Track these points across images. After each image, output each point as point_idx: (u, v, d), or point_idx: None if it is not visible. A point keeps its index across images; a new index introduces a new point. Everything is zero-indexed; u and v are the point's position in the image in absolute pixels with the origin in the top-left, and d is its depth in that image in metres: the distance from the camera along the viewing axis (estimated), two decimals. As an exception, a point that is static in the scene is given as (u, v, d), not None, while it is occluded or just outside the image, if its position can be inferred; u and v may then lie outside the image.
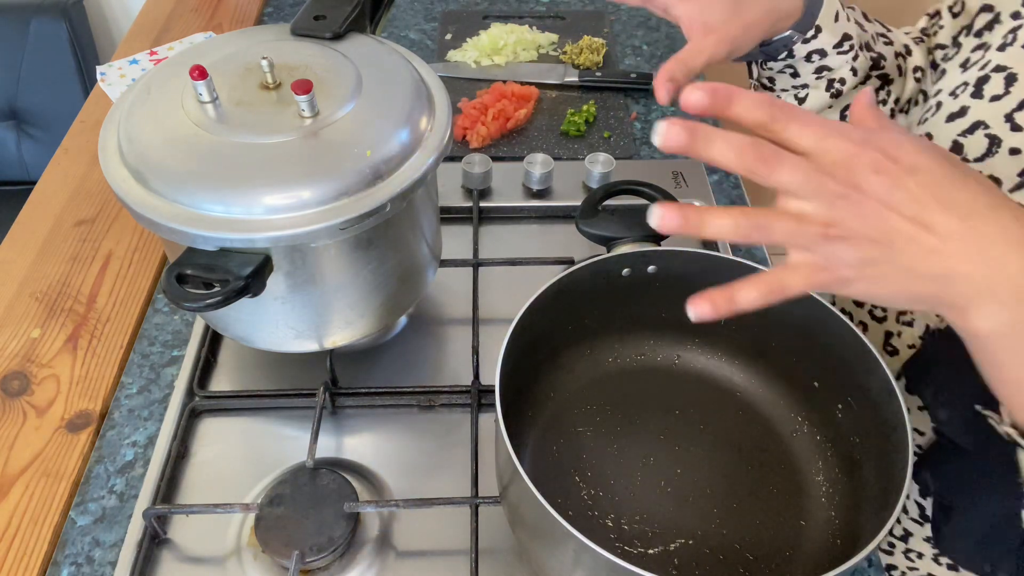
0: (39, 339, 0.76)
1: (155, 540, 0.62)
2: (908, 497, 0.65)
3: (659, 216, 0.39)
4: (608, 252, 0.63)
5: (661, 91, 0.58)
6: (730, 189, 0.93)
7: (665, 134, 0.38)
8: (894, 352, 0.67)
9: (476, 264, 0.80)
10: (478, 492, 0.62)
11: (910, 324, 0.65)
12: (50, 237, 0.86)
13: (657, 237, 0.64)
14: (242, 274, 0.52)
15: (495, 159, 0.91)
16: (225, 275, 0.52)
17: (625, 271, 0.62)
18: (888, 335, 0.68)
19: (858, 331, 0.55)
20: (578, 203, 0.69)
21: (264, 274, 0.54)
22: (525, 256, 0.81)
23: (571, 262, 0.79)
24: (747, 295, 0.41)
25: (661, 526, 0.58)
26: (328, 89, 0.58)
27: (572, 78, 1.06)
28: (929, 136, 0.61)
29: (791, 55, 0.66)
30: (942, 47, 0.69)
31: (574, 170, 0.91)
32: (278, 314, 0.61)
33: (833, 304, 0.81)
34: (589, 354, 0.66)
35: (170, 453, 0.66)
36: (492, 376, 0.52)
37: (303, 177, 0.53)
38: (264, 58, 0.57)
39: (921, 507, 0.67)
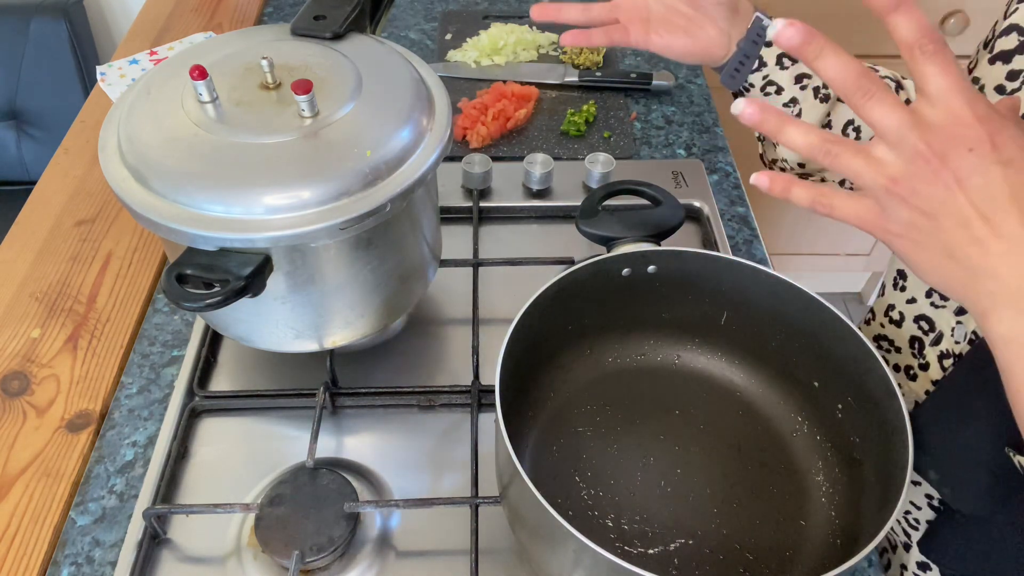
0: (39, 339, 0.76)
1: (155, 540, 0.62)
2: (906, 548, 0.66)
3: (741, 108, 0.42)
4: (608, 252, 0.63)
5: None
6: (730, 189, 0.93)
7: (780, 32, 0.39)
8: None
9: (476, 264, 0.80)
10: (478, 492, 0.62)
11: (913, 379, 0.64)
12: (50, 237, 0.86)
13: (657, 237, 0.64)
14: (242, 274, 0.52)
15: (495, 159, 0.91)
16: (225, 275, 0.52)
17: (625, 271, 0.62)
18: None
19: (858, 331, 0.55)
20: (578, 203, 0.69)
21: (264, 274, 0.54)
22: (525, 256, 0.81)
23: (571, 262, 0.79)
24: (800, 193, 0.43)
25: (661, 526, 0.58)
26: (328, 89, 0.58)
27: (572, 78, 1.06)
28: None
29: (763, 63, 0.66)
30: None
31: (574, 170, 0.91)
32: (278, 314, 0.61)
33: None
34: (589, 354, 0.66)
35: (170, 453, 0.66)
36: (492, 376, 0.52)
37: (303, 177, 0.53)
38: (264, 58, 0.57)
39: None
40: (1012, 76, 0.54)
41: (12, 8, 1.52)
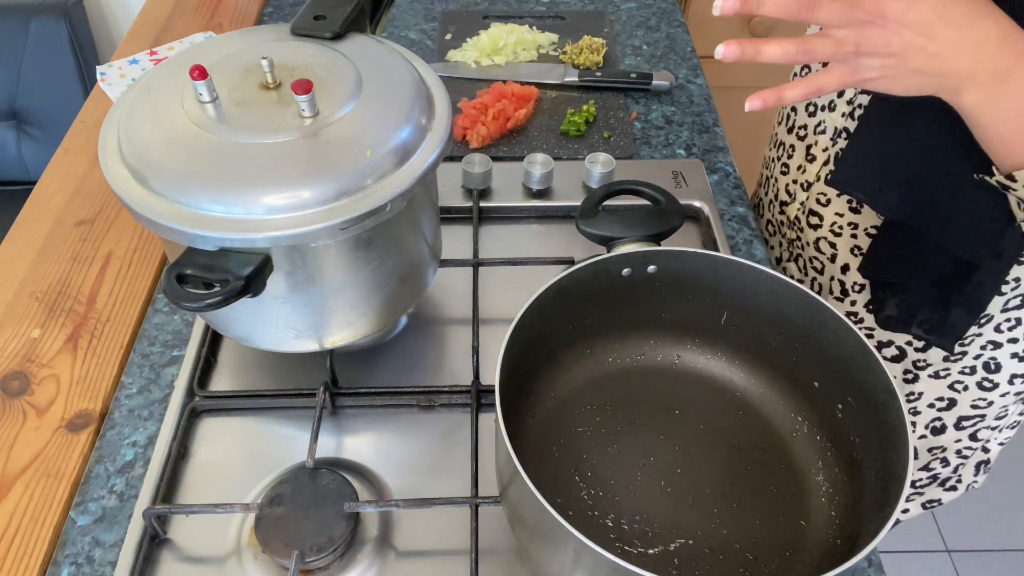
0: (39, 339, 0.76)
1: (155, 540, 0.62)
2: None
3: (721, 51, 0.51)
4: (608, 252, 0.63)
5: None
6: (730, 189, 0.93)
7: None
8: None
9: (476, 264, 0.80)
10: (478, 492, 0.62)
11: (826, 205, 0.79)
12: (50, 237, 0.86)
13: (657, 237, 0.64)
14: (242, 274, 0.52)
15: (495, 159, 0.91)
16: (225, 275, 0.52)
17: (625, 271, 0.62)
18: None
19: (858, 331, 0.55)
20: (578, 203, 0.69)
21: (264, 274, 0.54)
22: (525, 256, 0.81)
23: (571, 262, 0.79)
24: (792, 92, 0.54)
25: (661, 526, 0.58)
26: (328, 89, 0.58)
27: (572, 78, 1.06)
28: None
29: None
30: None
31: (574, 170, 0.91)
32: (278, 314, 0.61)
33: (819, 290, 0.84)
34: (589, 354, 0.66)
35: (170, 453, 0.66)
36: (492, 376, 0.52)
37: (303, 177, 0.53)
38: (264, 58, 0.57)
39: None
40: None
41: (12, 8, 1.52)
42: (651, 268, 0.62)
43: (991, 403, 0.80)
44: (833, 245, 0.81)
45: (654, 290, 0.63)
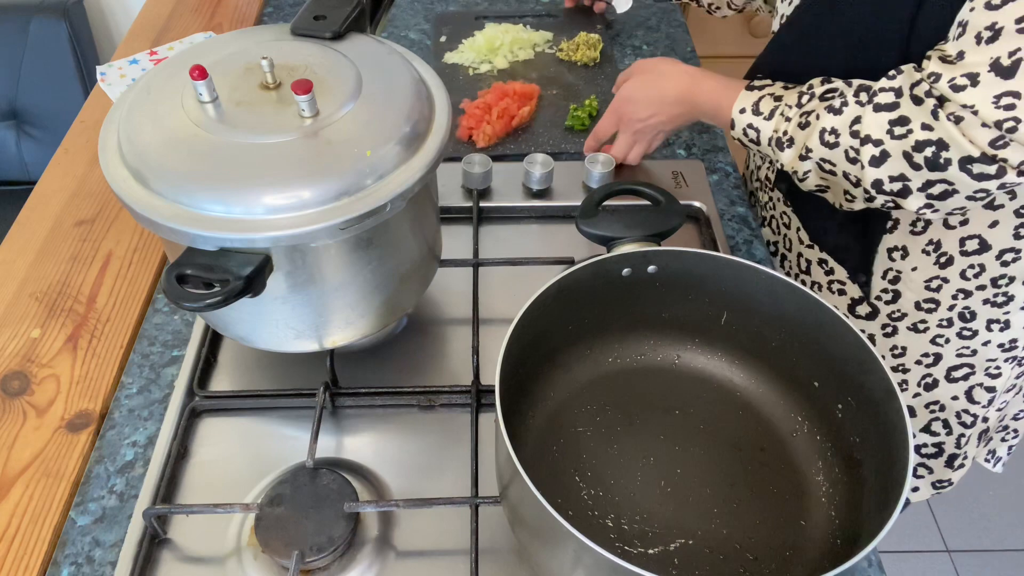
0: (39, 339, 0.76)
1: (155, 540, 0.62)
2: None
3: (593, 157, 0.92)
4: (608, 252, 0.63)
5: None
6: (730, 189, 0.93)
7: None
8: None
9: (476, 264, 0.80)
10: (478, 492, 0.62)
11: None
12: (50, 237, 0.86)
13: (657, 237, 0.64)
14: (242, 274, 0.52)
15: (502, 157, 0.91)
16: (225, 275, 0.52)
17: (625, 271, 0.62)
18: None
19: (858, 331, 0.55)
20: (578, 203, 0.69)
21: (264, 274, 0.54)
22: (525, 256, 0.81)
23: (571, 262, 0.79)
24: (623, 162, 0.92)
25: (661, 526, 0.58)
26: (328, 89, 0.58)
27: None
28: None
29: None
30: None
31: (574, 170, 0.91)
32: (278, 314, 0.61)
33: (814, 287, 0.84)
34: (589, 354, 0.66)
35: (170, 453, 0.66)
36: (492, 376, 0.52)
37: (303, 177, 0.53)
38: (264, 58, 0.57)
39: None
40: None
41: (12, 8, 1.52)
42: (651, 268, 0.62)
43: (975, 351, 0.80)
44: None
45: (654, 290, 0.63)
